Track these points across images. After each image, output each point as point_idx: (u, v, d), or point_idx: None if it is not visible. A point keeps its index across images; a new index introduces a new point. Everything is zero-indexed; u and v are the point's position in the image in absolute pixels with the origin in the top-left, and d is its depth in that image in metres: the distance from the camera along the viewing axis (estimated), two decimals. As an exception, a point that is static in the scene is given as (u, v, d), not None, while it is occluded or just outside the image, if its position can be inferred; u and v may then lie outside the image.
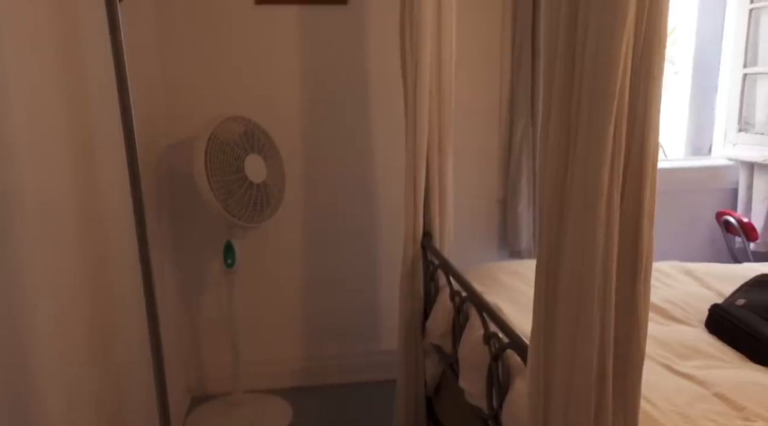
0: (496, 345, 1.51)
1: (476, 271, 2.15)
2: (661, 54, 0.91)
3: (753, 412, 1.28)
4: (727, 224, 2.91)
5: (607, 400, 0.97)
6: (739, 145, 2.94)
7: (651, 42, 0.90)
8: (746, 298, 1.90)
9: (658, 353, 1.56)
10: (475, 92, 2.68)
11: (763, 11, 2.79)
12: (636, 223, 0.95)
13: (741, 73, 2.90)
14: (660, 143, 3.06)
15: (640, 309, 0.96)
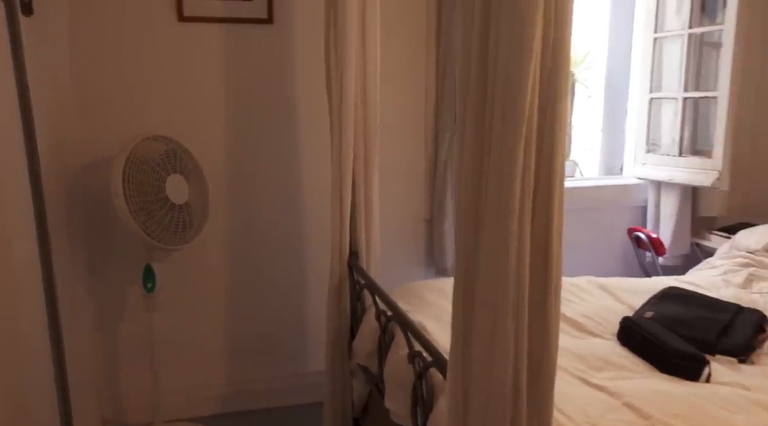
0: (420, 363, 1.52)
1: (402, 290, 2.17)
2: (566, 78, 0.97)
3: (659, 420, 1.35)
4: (638, 240, 3.08)
5: (522, 414, 1.00)
6: (647, 165, 3.12)
7: (557, 66, 0.95)
8: (654, 311, 2.01)
9: (573, 366, 1.62)
10: (400, 109, 2.73)
11: (666, 41, 3.00)
12: (546, 239, 0.99)
13: (647, 97, 3.09)
14: (576, 163, 3.18)
15: (552, 323, 1.00)
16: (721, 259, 2.57)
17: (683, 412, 1.39)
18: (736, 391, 1.54)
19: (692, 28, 2.85)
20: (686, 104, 2.93)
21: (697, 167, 2.85)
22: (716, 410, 1.41)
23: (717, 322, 1.90)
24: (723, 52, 2.68)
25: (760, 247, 2.48)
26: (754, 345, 1.83)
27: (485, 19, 0.95)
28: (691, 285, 2.32)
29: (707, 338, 1.81)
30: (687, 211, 3.02)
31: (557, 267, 1.00)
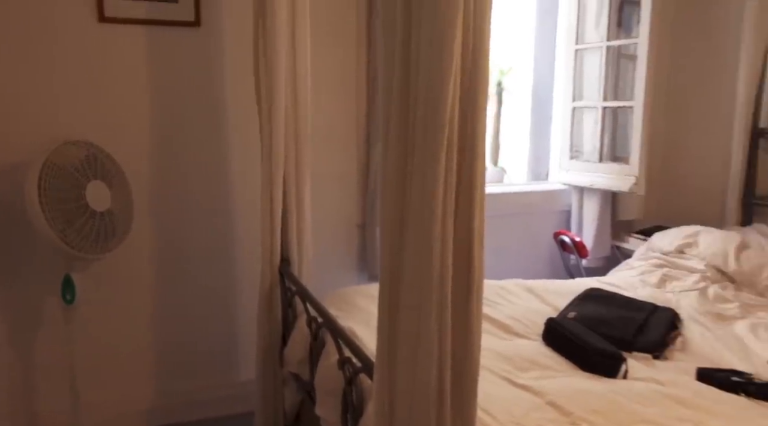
0: (350, 369, 1.53)
1: (334, 296, 2.17)
2: (485, 82, 1.00)
3: (579, 416, 1.41)
4: (563, 243, 3.20)
5: (446, 414, 1.01)
6: (571, 172, 3.25)
7: (477, 70, 0.98)
8: (577, 311, 2.09)
9: (500, 367, 1.66)
10: (332, 113, 2.73)
11: (586, 52, 3.14)
12: (468, 241, 1.01)
13: (570, 106, 3.22)
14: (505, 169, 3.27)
15: (474, 324, 1.02)
16: (638, 260, 2.70)
17: (601, 408, 1.45)
18: (651, 386, 1.62)
19: (610, 41, 2.99)
20: (606, 113, 3.07)
21: (615, 173, 2.99)
22: (632, 405, 1.48)
23: (634, 321, 2.00)
24: (638, 64, 2.82)
25: (673, 249, 2.63)
26: (667, 342, 1.94)
27: (407, 22, 0.97)
28: (611, 286, 2.43)
29: (625, 336, 1.90)
30: (607, 215, 3.16)
31: (479, 268, 1.02)
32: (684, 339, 1.98)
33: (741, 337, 1.97)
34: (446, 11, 0.92)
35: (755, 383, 1.62)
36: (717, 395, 1.58)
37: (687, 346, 1.94)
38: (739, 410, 1.50)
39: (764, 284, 2.33)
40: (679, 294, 2.33)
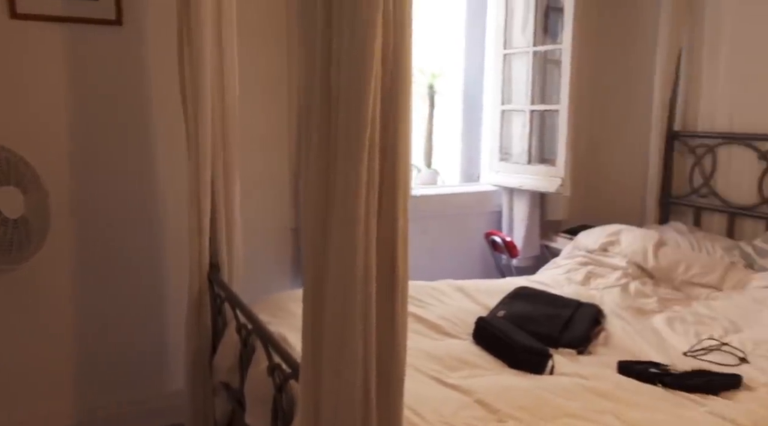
0: (280, 376, 1.50)
1: (266, 302, 2.13)
2: (407, 88, 1.00)
3: (506, 413, 1.44)
4: (494, 243, 3.27)
5: (372, 417, 1.01)
6: (501, 173, 3.32)
7: (398, 76, 0.99)
8: (506, 310, 2.14)
9: (430, 367, 1.68)
10: (264, 117, 2.68)
11: (514, 57, 3.22)
12: (392, 245, 1.02)
13: (499, 109, 3.30)
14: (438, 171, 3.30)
15: (399, 326, 1.02)
16: (564, 259, 2.79)
17: (527, 404, 1.48)
18: (575, 381, 1.67)
19: (536, 46, 3.09)
20: (533, 116, 3.16)
21: (543, 175, 3.08)
22: (556, 400, 1.52)
23: (560, 318, 2.06)
24: (562, 69, 2.92)
25: (597, 247, 2.73)
26: (591, 337, 2.01)
27: (327, 22, 0.96)
28: (539, 284, 2.50)
29: (551, 333, 1.95)
30: (536, 216, 3.25)
31: (403, 269, 1.03)
32: (607, 334, 2.06)
33: (658, 330, 2.06)
34: (366, 11, 0.92)
35: (671, 374, 1.70)
36: (636, 387, 1.65)
37: (609, 341, 2.01)
38: (656, 400, 1.57)
39: (680, 279, 2.45)
40: (603, 290, 2.41)
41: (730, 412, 1.47)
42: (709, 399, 1.56)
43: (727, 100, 2.73)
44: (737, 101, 2.70)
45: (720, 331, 2.01)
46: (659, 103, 2.93)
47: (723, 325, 2.06)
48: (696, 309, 2.22)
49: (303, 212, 1.05)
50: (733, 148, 2.73)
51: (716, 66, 2.77)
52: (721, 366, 1.75)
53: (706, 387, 1.62)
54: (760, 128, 2.60)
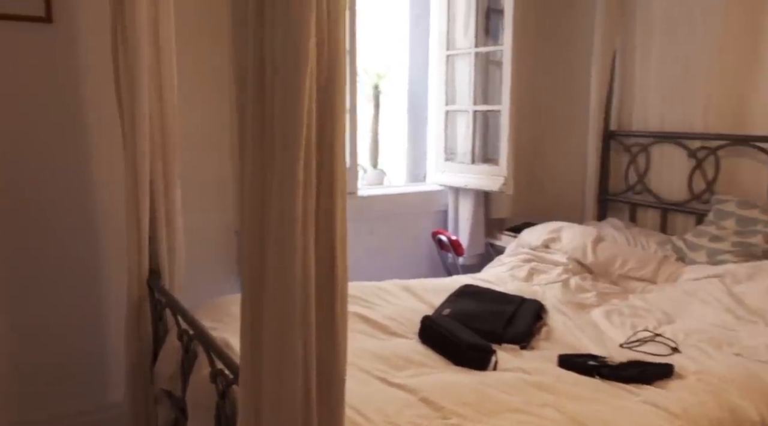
0: (223, 382, 1.47)
1: (209, 307, 2.09)
2: (342, 87, 1.00)
3: (450, 410, 1.45)
4: (440, 242, 3.30)
5: (313, 420, 1.00)
6: (446, 173, 3.36)
7: (333, 76, 0.98)
8: (451, 308, 2.16)
9: (376, 367, 1.68)
10: (206, 118, 2.62)
11: (458, 58, 3.27)
12: (331, 247, 1.01)
13: (444, 109, 3.34)
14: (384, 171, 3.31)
15: (339, 328, 1.02)
16: (508, 256, 2.85)
17: (471, 400, 1.50)
18: (518, 375, 1.71)
19: (478, 47, 3.14)
20: (476, 116, 3.21)
21: (487, 174, 3.13)
22: (499, 395, 1.55)
23: (504, 314, 2.09)
24: (503, 69, 2.98)
25: (539, 244, 2.80)
26: (534, 332, 2.06)
27: (259, 23, 0.95)
28: (484, 281, 2.54)
29: (495, 329, 1.98)
30: (481, 214, 3.31)
31: (343, 271, 1.02)
32: (548, 328, 2.11)
33: (597, 324, 2.12)
34: (299, 10, 0.91)
35: (608, 365, 1.75)
36: (576, 379, 1.69)
37: (551, 335, 2.06)
38: (593, 391, 1.61)
39: (617, 274, 2.53)
40: (545, 286, 2.47)
41: (663, 401, 1.53)
42: (644, 388, 1.62)
43: (659, 100, 2.85)
44: (668, 102, 2.81)
45: (654, 323, 2.09)
46: (596, 104, 3.03)
47: (657, 316, 2.14)
48: (632, 302, 2.30)
49: (240, 213, 1.03)
50: (664, 146, 2.85)
51: (648, 68, 2.88)
52: (655, 356, 1.82)
53: (640, 377, 1.67)
54: (688, 127, 2.72)
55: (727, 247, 2.36)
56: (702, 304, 2.14)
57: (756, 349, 1.77)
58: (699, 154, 2.70)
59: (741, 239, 2.34)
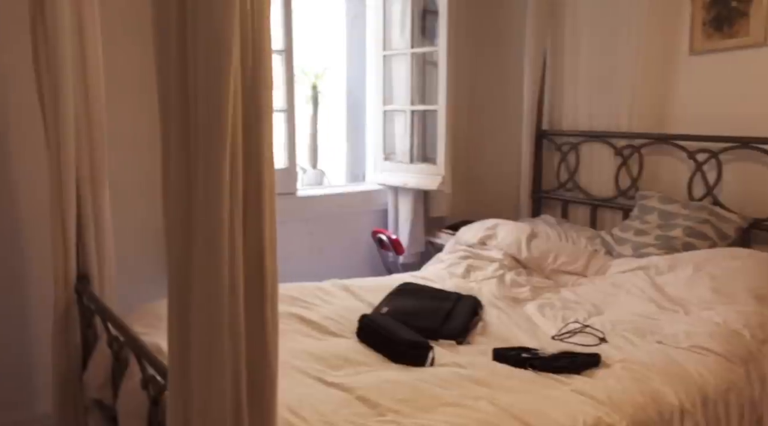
0: (155, 388, 1.44)
1: (141, 312, 2.03)
2: (268, 92, 0.99)
3: (386, 407, 1.47)
4: (381, 241, 3.32)
5: (243, 423, 1.00)
6: (385, 172, 3.39)
7: (258, 84, 0.98)
8: (390, 306, 2.18)
9: (312, 367, 1.68)
10: (137, 119, 2.55)
11: (394, 58, 3.30)
12: (260, 250, 1.00)
13: (382, 109, 3.36)
14: (324, 172, 3.29)
15: (269, 332, 1.01)
16: (447, 254, 2.89)
17: (407, 396, 1.52)
18: (453, 370, 1.74)
19: (414, 48, 3.17)
20: (414, 116, 3.25)
21: (425, 173, 3.18)
22: (435, 390, 1.58)
23: (441, 311, 2.13)
24: (439, 70, 3.03)
25: (476, 241, 2.85)
26: (470, 327, 2.10)
27: (181, 23, 0.93)
28: (423, 279, 2.57)
29: (432, 326, 2.01)
30: (420, 213, 3.35)
31: (272, 274, 1.02)
32: (484, 323, 2.16)
33: (530, 317, 2.19)
34: (222, 9, 0.90)
35: (540, 357, 1.81)
36: (509, 372, 1.74)
37: (486, 330, 2.11)
38: (526, 383, 1.66)
39: (550, 268, 2.62)
40: (481, 282, 2.53)
41: (589, 389, 1.59)
42: (573, 378, 1.68)
43: (587, 100, 2.96)
44: (595, 102, 2.92)
45: (584, 315, 2.17)
46: (528, 104, 3.12)
47: (587, 308, 2.22)
48: (564, 295, 2.38)
49: (164, 221, 1.01)
50: (593, 145, 2.96)
51: (576, 69, 2.98)
52: (584, 347, 1.89)
53: (570, 367, 1.74)
54: (615, 127, 2.84)
55: (651, 241, 2.47)
56: (628, 296, 2.23)
57: (676, 337, 1.87)
58: (624, 153, 2.82)
59: (663, 233, 2.46)
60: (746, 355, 1.77)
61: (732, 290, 2.00)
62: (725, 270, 2.10)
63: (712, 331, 1.85)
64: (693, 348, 1.79)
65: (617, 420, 1.49)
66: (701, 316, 1.96)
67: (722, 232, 2.36)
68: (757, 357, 1.78)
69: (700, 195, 2.54)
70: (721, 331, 1.84)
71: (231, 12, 0.90)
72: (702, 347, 1.78)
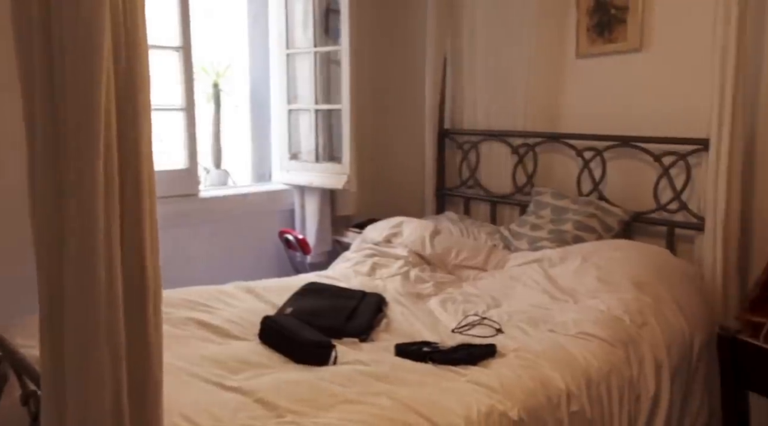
0: (35, 404, 1.35)
1: (23, 324, 1.90)
2: (145, 92, 0.96)
3: (285, 408, 1.46)
4: (288, 241, 3.29)
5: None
6: (291, 172, 3.36)
7: (134, 82, 0.94)
8: (294, 307, 2.17)
9: (211, 372, 1.64)
10: (6, 116, 2.37)
11: (297, 57, 3.27)
12: (140, 256, 0.97)
13: (286, 108, 3.33)
14: (228, 172, 3.21)
15: (152, 340, 0.98)
16: (353, 252, 2.91)
17: (307, 396, 1.52)
18: (356, 368, 1.75)
19: (317, 47, 3.17)
20: (319, 115, 3.24)
21: (331, 172, 3.18)
22: (336, 388, 1.59)
23: (345, 309, 2.14)
24: (342, 69, 3.04)
25: (382, 239, 2.89)
26: (374, 324, 2.12)
27: (45, 21, 0.88)
28: (329, 278, 2.57)
29: (336, 324, 2.02)
30: (327, 212, 3.35)
31: (154, 279, 0.99)
32: (388, 320, 2.19)
33: (433, 312, 2.24)
34: (90, 6, 0.86)
35: (440, 350, 1.86)
36: (410, 366, 1.78)
37: (390, 326, 2.14)
38: (425, 376, 1.70)
39: (452, 263, 2.69)
40: (386, 280, 2.56)
41: (485, 378, 1.66)
42: (470, 369, 1.74)
43: (485, 101, 3.07)
44: (493, 102, 3.04)
45: (483, 307, 2.25)
46: (430, 103, 3.20)
47: (486, 301, 2.31)
48: (465, 289, 2.46)
49: (32, 228, 0.95)
50: (492, 143, 3.07)
51: (475, 69, 3.08)
52: (482, 338, 1.96)
53: (467, 359, 1.80)
54: (511, 126, 2.97)
55: (545, 235, 2.60)
56: (524, 288, 2.34)
57: (565, 325, 1.98)
58: (520, 151, 2.95)
59: (555, 227, 2.59)
60: (626, 339, 1.90)
61: (615, 279, 2.14)
62: (609, 260, 2.25)
63: (597, 317, 1.97)
64: (579, 334, 1.90)
65: (509, 407, 1.56)
66: (588, 305, 2.08)
67: (607, 225, 2.53)
68: (636, 340, 1.91)
69: (588, 190, 2.70)
70: (605, 318, 1.96)
71: (100, 7, 0.86)
72: (587, 333, 1.90)
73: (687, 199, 2.40)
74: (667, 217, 2.46)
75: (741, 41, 2.08)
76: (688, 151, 2.37)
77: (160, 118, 3.08)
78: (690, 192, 2.40)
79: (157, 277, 0.99)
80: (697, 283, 2.23)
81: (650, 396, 1.86)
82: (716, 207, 2.19)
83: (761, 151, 2.25)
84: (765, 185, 2.25)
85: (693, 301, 2.12)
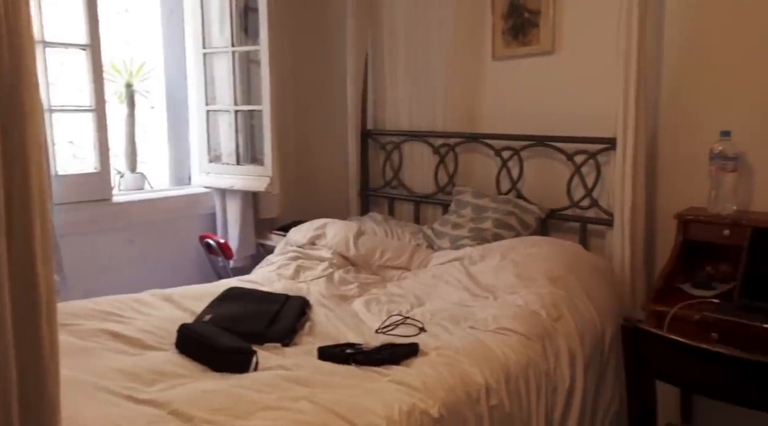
0: None
1: None
2: (32, 92, 0.90)
3: (202, 419, 1.41)
4: (209, 246, 3.20)
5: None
6: (211, 175, 3.27)
7: (19, 81, 0.88)
8: (213, 313, 2.11)
9: (122, 385, 1.56)
10: None
11: (215, 56, 3.19)
12: (30, 268, 0.91)
13: (204, 109, 3.24)
14: (145, 175, 3.08)
15: (47, 356, 0.92)
16: (276, 255, 2.86)
17: (224, 405, 1.48)
18: (277, 373, 1.72)
19: (235, 46, 3.10)
20: (238, 116, 3.17)
21: (252, 174, 3.12)
22: (254, 395, 1.55)
23: (267, 314, 2.10)
24: (262, 69, 2.98)
25: (306, 241, 2.86)
26: (297, 328, 2.09)
27: None
28: (251, 283, 2.52)
29: (257, 330, 1.98)
30: (250, 215, 3.28)
31: (48, 292, 0.93)
32: (312, 323, 2.16)
33: (357, 313, 2.24)
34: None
35: (363, 352, 1.85)
36: (333, 369, 1.76)
37: (314, 329, 2.11)
38: (348, 378, 1.69)
39: (377, 264, 2.70)
40: (310, 282, 2.53)
41: (407, 377, 1.66)
42: (392, 369, 1.74)
43: (407, 101, 3.09)
44: (414, 102, 3.07)
45: (407, 307, 2.26)
46: (352, 103, 3.19)
47: (410, 301, 2.32)
48: (389, 289, 2.47)
49: None
50: (414, 144, 3.10)
51: (396, 70, 3.11)
52: (405, 337, 1.97)
53: (390, 359, 1.80)
54: (432, 127, 3.01)
55: (465, 233, 2.65)
56: (446, 286, 2.37)
57: (485, 321, 2.02)
58: (441, 151, 2.99)
59: (475, 225, 2.65)
60: (542, 333, 1.96)
61: (531, 274, 2.20)
62: (526, 257, 2.31)
63: (515, 312, 2.02)
64: (498, 330, 1.95)
65: (430, 405, 1.57)
66: (507, 300, 2.13)
67: (525, 222, 2.60)
68: (551, 333, 1.98)
69: (507, 189, 2.77)
70: (522, 313, 2.02)
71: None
72: (506, 328, 1.94)
73: (598, 196, 2.51)
74: (579, 213, 2.56)
75: (642, 47, 2.19)
76: (597, 150, 2.48)
77: (70, 120, 2.92)
78: (600, 189, 2.51)
79: (51, 289, 0.93)
80: (608, 277, 2.33)
81: (566, 387, 1.92)
82: (623, 203, 2.30)
83: (663, 150, 2.38)
84: (667, 183, 2.38)
85: (603, 293, 2.22)
